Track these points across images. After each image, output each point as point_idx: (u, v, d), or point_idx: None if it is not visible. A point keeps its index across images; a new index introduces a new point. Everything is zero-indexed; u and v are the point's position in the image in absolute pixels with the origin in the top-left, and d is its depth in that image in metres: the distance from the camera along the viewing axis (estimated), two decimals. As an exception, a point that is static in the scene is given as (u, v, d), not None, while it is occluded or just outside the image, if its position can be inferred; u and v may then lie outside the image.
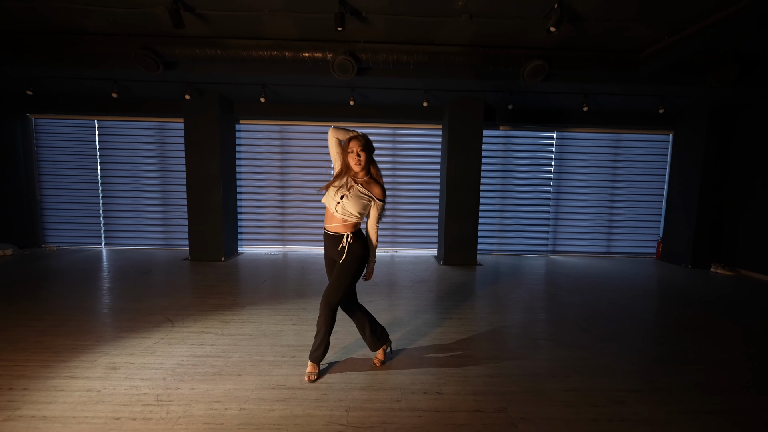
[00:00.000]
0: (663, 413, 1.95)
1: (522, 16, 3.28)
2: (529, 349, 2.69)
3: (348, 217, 2.09)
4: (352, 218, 2.11)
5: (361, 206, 2.09)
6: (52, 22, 3.63)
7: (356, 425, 1.79)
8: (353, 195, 2.07)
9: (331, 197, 2.10)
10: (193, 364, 2.36)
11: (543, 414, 1.91)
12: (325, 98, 5.38)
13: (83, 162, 6.14)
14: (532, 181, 6.19)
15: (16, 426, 1.75)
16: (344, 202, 2.07)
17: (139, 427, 1.75)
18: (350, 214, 2.08)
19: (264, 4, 3.23)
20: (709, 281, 4.84)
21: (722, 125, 5.28)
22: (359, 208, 2.08)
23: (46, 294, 3.80)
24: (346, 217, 2.10)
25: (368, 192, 2.11)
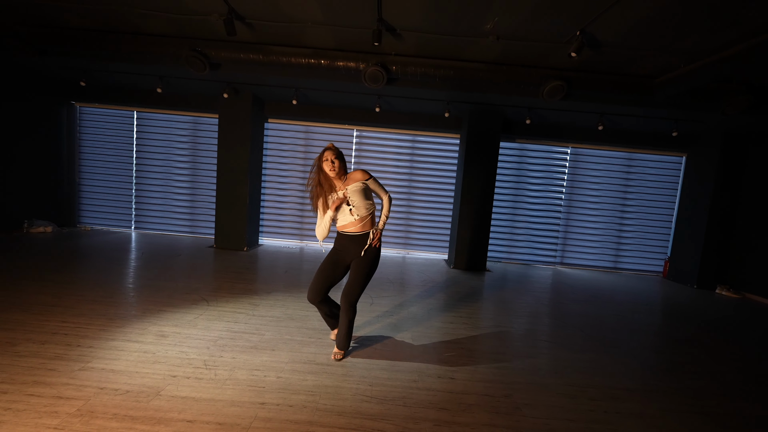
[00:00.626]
0: (655, 410, 2.16)
1: (545, 40, 3.52)
2: (534, 349, 2.92)
3: (362, 210, 2.33)
4: (369, 209, 2.36)
5: (363, 196, 2.32)
6: (110, 21, 4.00)
7: (379, 397, 2.05)
8: (354, 192, 2.30)
9: (343, 210, 2.34)
10: (231, 338, 2.65)
11: (544, 402, 2.15)
12: (351, 103, 5.68)
13: (120, 149, 6.55)
14: (544, 194, 6.38)
15: (91, 375, 2.05)
16: (355, 203, 2.31)
17: (193, 384, 2.04)
18: (363, 206, 2.32)
19: (307, 17, 3.54)
20: (713, 302, 4.97)
21: (735, 152, 5.42)
22: (365, 196, 2.33)
23: (89, 269, 4.15)
24: (361, 212, 2.33)
25: (355, 183, 2.32)
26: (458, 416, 1.94)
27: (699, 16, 2.90)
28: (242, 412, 1.83)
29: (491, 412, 2.01)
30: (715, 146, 5.50)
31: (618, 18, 3.04)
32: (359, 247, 2.36)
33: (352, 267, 2.40)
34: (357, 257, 2.37)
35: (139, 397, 1.88)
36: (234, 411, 1.84)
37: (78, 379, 2.00)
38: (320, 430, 1.74)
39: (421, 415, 1.92)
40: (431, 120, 5.98)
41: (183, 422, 1.72)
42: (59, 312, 2.87)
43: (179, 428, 1.68)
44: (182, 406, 1.84)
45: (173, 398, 1.90)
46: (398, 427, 1.81)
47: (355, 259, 2.38)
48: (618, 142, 5.99)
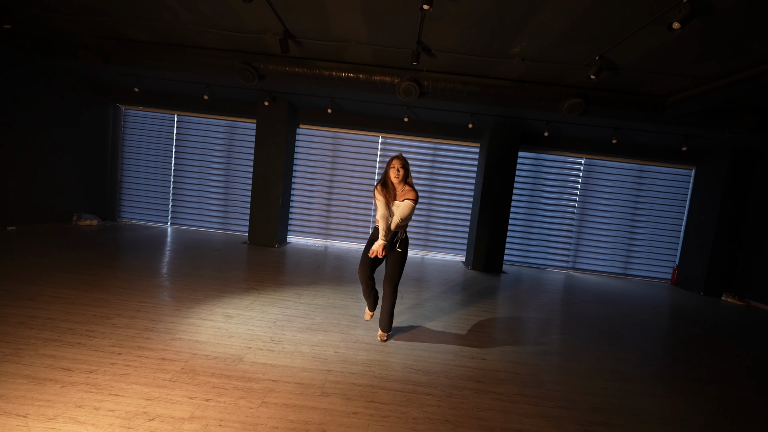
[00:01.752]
0: (662, 391, 2.49)
1: (566, 62, 3.88)
2: (552, 340, 3.25)
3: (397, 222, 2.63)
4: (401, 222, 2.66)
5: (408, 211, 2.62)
6: (172, 36, 4.44)
7: (424, 370, 2.41)
8: (396, 207, 2.63)
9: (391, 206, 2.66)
10: (287, 320, 3.03)
11: (565, 380, 2.49)
12: (379, 112, 6.08)
13: (160, 150, 7.03)
14: (558, 201, 6.70)
15: (181, 344, 2.44)
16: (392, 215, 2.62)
17: (267, 354, 2.42)
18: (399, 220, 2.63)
19: (353, 37, 3.94)
20: (719, 308, 5.24)
21: (742, 166, 5.70)
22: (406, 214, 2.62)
23: (143, 258, 4.58)
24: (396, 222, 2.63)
25: (403, 200, 2.64)
26: (493, 387, 2.29)
27: (712, 45, 3.24)
28: (314, 376, 2.21)
29: (520, 385, 2.35)
30: (722, 161, 5.79)
31: (635, 45, 3.39)
32: (391, 243, 2.72)
33: (388, 260, 2.78)
34: (394, 254, 2.74)
35: (227, 362, 2.27)
36: (307, 375, 2.21)
37: (173, 347, 2.39)
38: (381, 392, 2.11)
39: (461, 385, 2.28)
40: (453, 130, 6.36)
41: (268, 381, 2.10)
42: (135, 294, 3.28)
43: (266, 386, 2.06)
44: (264, 370, 2.21)
45: (255, 364, 2.28)
46: (444, 393, 2.17)
47: (391, 254, 2.74)
48: (630, 155, 6.31)
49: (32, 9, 4.04)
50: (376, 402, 2.00)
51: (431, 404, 2.04)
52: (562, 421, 2.01)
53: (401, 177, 2.68)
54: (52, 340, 2.29)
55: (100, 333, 2.47)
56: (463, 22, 3.32)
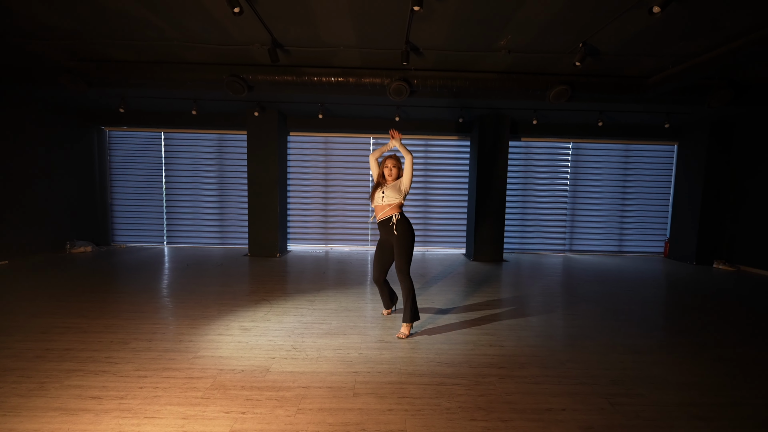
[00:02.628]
0: (673, 358, 2.60)
1: (551, 51, 3.99)
2: (562, 321, 3.36)
3: (391, 200, 2.91)
4: (395, 200, 2.93)
5: (395, 190, 2.92)
6: (156, 54, 4.40)
7: (447, 362, 2.47)
8: (390, 187, 2.95)
9: (377, 197, 2.97)
10: (304, 328, 3.05)
11: (582, 358, 2.58)
12: (369, 114, 6.12)
13: (149, 169, 6.92)
14: (551, 187, 6.86)
15: (205, 361, 2.45)
16: (386, 192, 2.93)
17: (292, 362, 2.44)
18: (392, 197, 2.91)
19: (341, 42, 3.98)
20: (711, 275, 5.46)
21: (722, 137, 5.94)
22: (397, 192, 2.93)
23: (146, 280, 4.52)
24: (389, 201, 2.91)
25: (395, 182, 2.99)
26: (516, 371, 2.37)
27: (685, 25, 3.38)
28: (342, 379, 2.24)
29: (542, 367, 2.44)
30: (703, 134, 6.03)
31: (616, 31, 3.51)
32: (388, 228, 2.92)
33: (394, 247, 2.94)
34: (394, 239, 2.91)
35: (255, 374, 2.28)
36: (335, 378, 2.24)
37: (197, 365, 2.39)
38: (411, 387, 2.16)
39: (486, 372, 2.35)
40: (444, 125, 6.44)
41: (300, 388, 2.13)
42: (147, 317, 3.25)
43: (299, 393, 2.08)
44: (293, 378, 2.24)
45: (282, 373, 2.30)
46: (471, 381, 2.23)
47: (393, 241, 2.93)
48: (615, 136, 6.50)
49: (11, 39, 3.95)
50: (408, 397, 2.05)
51: (461, 393, 2.10)
52: (586, 396, 2.10)
53: (394, 175, 2.98)
54: (74, 371, 2.27)
55: (122, 359, 2.45)
56: (451, 20, 3.39)
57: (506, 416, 1.89)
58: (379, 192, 2.96)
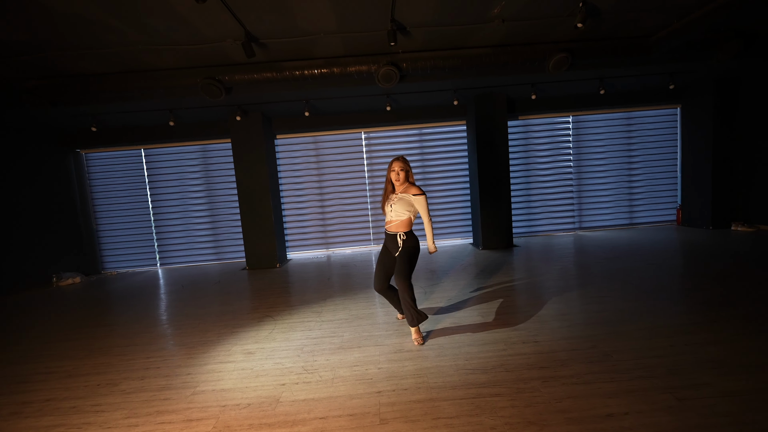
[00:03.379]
0: (726, 335, 2.33)
1: (548, 15, 3.70)
2: (593, 305, 3.08)
3: (400, 215, 2.63)
4: (404, 216, 2.63)
5: (406, 205, 2.61)
6: (123, 63, 4.05)
7: (480, 368, 2.19)
8: (398, 200, 2.63)
9: (387, 207, 2.71)
10: (314, 344, 2.76)
11: (627, 347, 2.31)
12: (360, 107, 5.79)
13: (133, 189, 6.56)
14: (554, 164, 6.59)
15: (205, 397, 2.14)
16: (394, 207, 2.63)
17: (305, 388, 2.15)
18: (400, 212, 2.63)
19: (320, 28, 3.65)
20: (732, 239, 5.22)
21: (727, 95, 5.69)
22: (406, 207, 2.61)
23: (139, 308, 4.20)
24: (398, 216, 2.64)
25: (407, 194, 2.62)
26: (559, 371, 2.09)
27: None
28: (364, 402, 1.95)
29: (586, 362, 2.16)
30: (707, 93, 5.77)
31: (617, -15, 3.22)
32: (394, 243, 2.68)
33: (397, 257, 2.66)
34: (398, 252, 2.65)
35: (263, 407, 1.99)
36: (356, 402, 1.95)
37: (196, 402, 2.09)
38: (444, 404, 1.87)
39: (526, 376, 2.07)
40: (437, 111, 6.13)
41: (317, 420, 1.84)
42: (139, 351, 2.93)
43: (316, 426, 1.79)
44: (307, 407, 1.95)
45: (294, 402, 2.01)
46: (512, 389, 1.95)
47: (396, 253, 2.67)
48: (616, 104, 6.23)
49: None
50: (443, 418, 1.76)
51: (504, 406, 1.81)
52: (648, 392, 1.82)
53: (402, 179, 2.64)
54: (54, 427, 1.96)
55: (109, 405, 2.14)
56: (438, -11, 3.08)
57: (563, 429, 1.61)
58: (387, 204, 2.70)
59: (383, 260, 2.78)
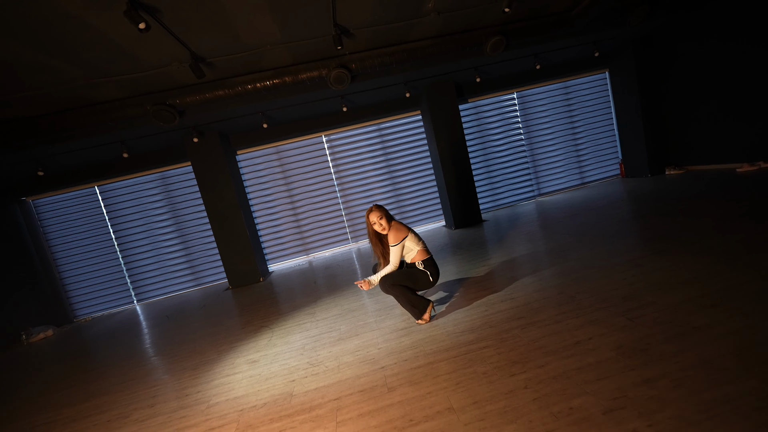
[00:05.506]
0: (669, 261, 2.75)
1: (479, 4, 4.00)
2: (558, 258, 3.45)
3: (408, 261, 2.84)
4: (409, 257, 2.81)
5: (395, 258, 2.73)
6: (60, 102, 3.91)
7: (468, 330, 2.44)
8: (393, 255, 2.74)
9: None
10: (315, 341, 2.90)
11: (589, 286, 2.66)
12: (317, 111, 5.88)
13: (93, 229, 6.28)
14: (507, 140, 7.03)
15: (221, 407, 2.24)
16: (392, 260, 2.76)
17: (314, 379, 2.30)
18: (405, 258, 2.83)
19: (265, 41, 3.73)
20: (666, 182, 5.89)
21: (645, 54, 6.34)
22: (397, 257, 2.73)
23: (127, 348, 4.11)
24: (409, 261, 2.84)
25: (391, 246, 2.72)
26: (534, 317, 2.39)
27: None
28: (371, 378, 2.14)
29: (555, 306, 2.47)
30: (628, 55, 6.40)
31: (533, -30, 3.57)
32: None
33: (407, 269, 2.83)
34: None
35: (279, 403, 2.12)
36: (364, 380, 2.14)
37: (214, 413, 2.19)
38: (441, 364, 2.10)
39: (507, 327, 2.35)
40: (392, 104, 6.35)
41: (331, 402, 2.01)
42: (140, 382, 2.94)
43: (332, 406, 1.96)
44: (320, 394, 2.11)
45: (307, 392, 2.16)
46: (496, 340, 2.22)
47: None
48: (553, 75, 6.74)
49: None
50: (442, 375, 1.99)
51: (491, 355, 2.07)
52: (607, 319, 2.15)
53: (385, 225, 2.73)
54: (74, 466, 1.99)
55: (126, 435, 2.19)
56: (374, -9, 3.27)
57: (542, 361, 1.89)
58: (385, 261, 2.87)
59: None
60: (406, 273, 2.76)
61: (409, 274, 2.75)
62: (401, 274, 2.74)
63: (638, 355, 1.77)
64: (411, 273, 2.76)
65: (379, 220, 2.72)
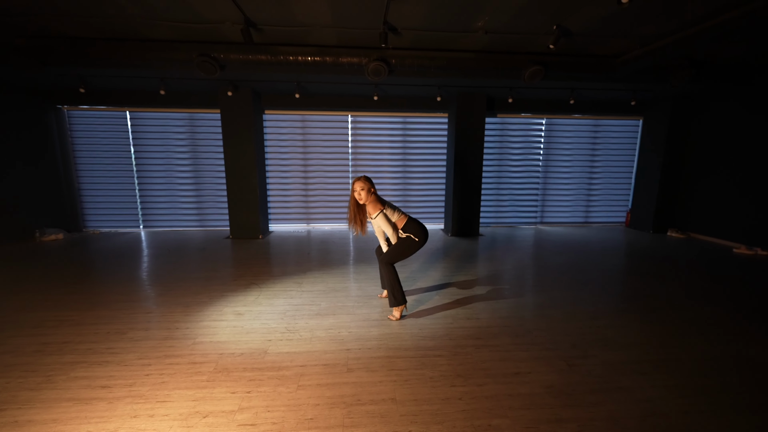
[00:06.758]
0: (624, 322, 3.00)
1: (526, 32, 4.06)
2: (533, 291, 3.71)
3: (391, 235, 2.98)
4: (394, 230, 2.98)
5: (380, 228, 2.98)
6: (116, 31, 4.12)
7: (430, 336, 2.74)
8: (374, 225, 2.97)
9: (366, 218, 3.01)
10: (295, 310, 3.24)
11: (548, 326, 2.92)
12: (347, 91, 6.02)
13: (117, 150, 6.61)
14: (524, 161, 7.14)
15: (205, 347, 2.60)
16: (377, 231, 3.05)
17: (288, 344, 2.64)
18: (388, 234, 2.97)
19: (316, 21, 3.87)
20: (665, 243, 6.03)
21: (681, 115, 6.32)
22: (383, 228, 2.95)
23: (131, 268, 4.52)
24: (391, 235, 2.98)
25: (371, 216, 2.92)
26: (490, 340, 2.68)
27: (654, 10, 3.53)
28: (336, 356, 2.47)
29: (512, 336, 2.76)
30: (665, 110, 6.38)
31: (588, 14, 3.62)
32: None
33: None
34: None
35: (254, 356, 2.47)
36: (330, 356, 2.47)
37: (197, 351, 2.54)
38: (398, 360, 2.41)
39: (464, 343, 2.64)
40: (422, 103, 6.46)
41: (298, 367, 2.34)
42: (138, 306, 3.32)
43: (297, 371, 2.29)
44: (290, 358, 2.44)
45: (280, 354, 2.50)
46: (451, 352, 2.52)
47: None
48: (586, 111, 6.76)
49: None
50: (396, 369, 2.30)
51: (442, 363, 2.37)
52: (550, 360, 2.43)
53: (364, 198, 2.89)
54: (77, 363, 2.37)
55: (122, 348, 2.56)
56: (428, 1, 3.37)
57: (481, 381, 2.19)
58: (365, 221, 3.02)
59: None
60: (396, 247, 2.98)
61: (398, 247, 2.98)
62: (393, 247, 2.98)
63: (562, 398, 2.06)
64: (398, 245, 2.97)
65: (360, 190, 2.86)
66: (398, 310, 3.02)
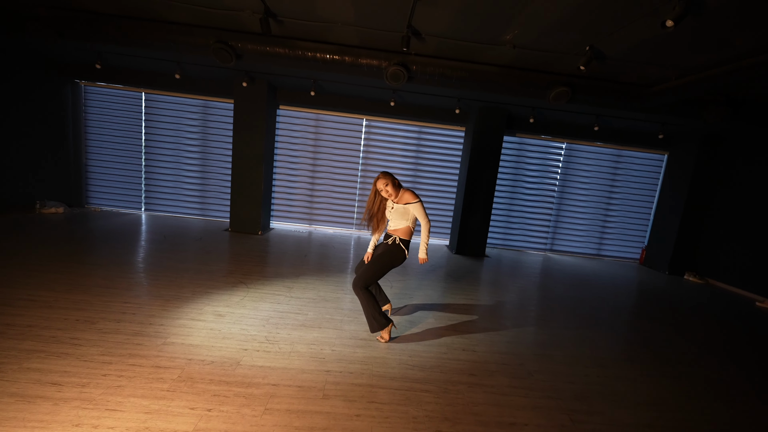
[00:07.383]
0: (635, 374, 2.71)
1: (556, 50, 3.84)
2: (536, 326, 3.43)
3: (395, 226, 2.80)
4: (402, 224, 2.78)
5: (401, 216, 2.75)
6: (133, 8, 4.03)
7: (419, 366, 2.50)
8: (396, 210, 2.76)
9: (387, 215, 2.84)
10: (280, 317, 3.02)
11: (549, 369, 2.65)
12: (363, 94, 5.87)
13: (128, 130, 6.55)
14: (539, 185, 6.87)
15: (174, 348, 2.40)
16: (393, 218, 2.79)
17: (264, 356, 2.42)
18: (397, 223, 2.79)
19: (338, 18, 3.72)
20: (681, 287, 5.67)
21: (710, 153, 5.99)
22: (401, 218, 2.76)
23: (121, 251, 4.37)
24: (395, 226, 2.80)
25: (403, 203, 2.75)
26: (485, 380, 2.42)
27: (694, 39, 3.29)
28: (313, 378, 2.24)
29: (510, 376, 2.49)
30: (693, 146, 6.06)
31: (626, 36, 3.39)
32: (386, 239, 2.85)
33: (373, 256, 2.83)
34: (382, 248, 2.80)
35: (225, 366, 2.25)
36: (306, 377, 2.24)
37: (166, 352, 2.34)
38: (380, 392, 2.17)
39: (456, 379, 2.39)
40: (439, 113, 6.27)
41: (269, 386, 2.12)
42: (117, 294, 3.15)
43: (268, 391, 2.07)
44: (263, 374, 2.22)
45: (253, 367, 2.28)
46: (440, 388, 2.27)
47: (380, 249, 2.81)
48: (609, 140, 6.48)
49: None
50: (376, 402, 2.06)
51: (429, 401, 2.13)
52: (550, 411, 2.16)
53: (392, 192, 2.72)
54: (35, 351, 2.19)
55: (87, 340, 2.38)
56: (456, 8, 3.19)
57: (471, 429, 1.93)
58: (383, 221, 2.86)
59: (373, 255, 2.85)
60: (383, 258, 2.73)
61: (387, 256, 2.73)
62: (378, 260, 2.73)
63: (561, 460, 1.79)
64: (387, 253, 2.74)
65: (386, 186, 2.69)
66: (386, 332, 2.78)
